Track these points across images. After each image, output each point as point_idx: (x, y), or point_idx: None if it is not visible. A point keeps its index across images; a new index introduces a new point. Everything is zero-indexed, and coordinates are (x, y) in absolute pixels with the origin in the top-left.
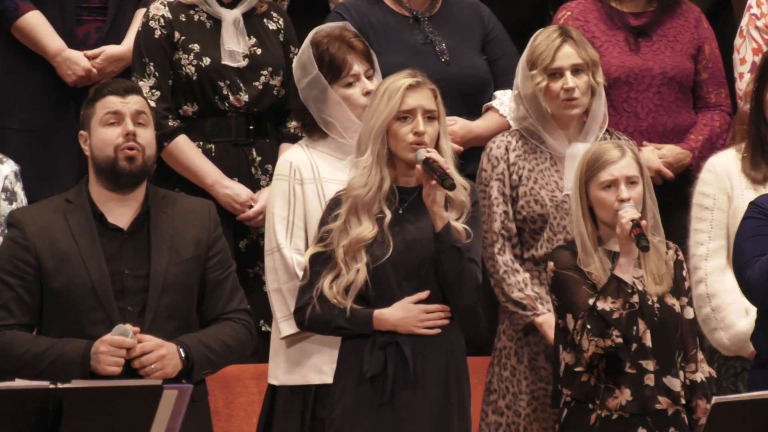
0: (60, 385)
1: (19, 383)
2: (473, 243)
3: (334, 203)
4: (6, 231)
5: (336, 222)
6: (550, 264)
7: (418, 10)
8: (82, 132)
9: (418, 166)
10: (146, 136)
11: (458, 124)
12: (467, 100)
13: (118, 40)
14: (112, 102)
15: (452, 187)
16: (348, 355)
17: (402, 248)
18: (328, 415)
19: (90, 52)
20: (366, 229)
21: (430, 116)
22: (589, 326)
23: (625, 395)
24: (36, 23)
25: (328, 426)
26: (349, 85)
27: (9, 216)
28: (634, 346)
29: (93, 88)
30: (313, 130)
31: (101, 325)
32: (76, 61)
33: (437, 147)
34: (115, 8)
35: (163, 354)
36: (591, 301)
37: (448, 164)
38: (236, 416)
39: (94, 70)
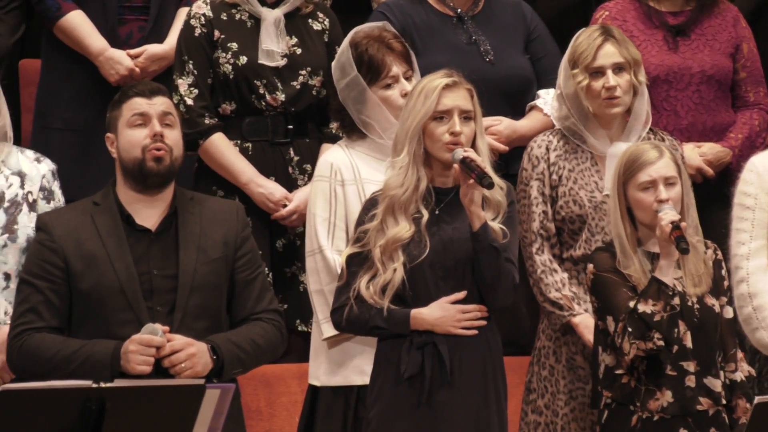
0: (103, 385)
1: (63, 382)
2: (509, 243)
3: (371, 204)
4: (34, 235)
5: (372, 222)
6: (590, 266)
7: (461, 9)
8: (108, 134)
9: (456, 166)
10: (173, 136)
11: (503, 124)
12: (511, 99)
13: (160, 39)
14: (138, 103)
15: (491, 185)
16: (385, 355)
17: (439, 248)
18: (365, 415)
19: (132, 51)
20: (403, 229)
21: (466, 116)
22: (630, 329)
23: (666, 397)
24: (78, 23)
25: (365, 426)
26: (388, 86)
27: (37, 220)
28: (675, 347)
29: None
30: (352, 130)
31: (130, 325)
32: (119, 60)
33: (473, 147)
34: (158, 7)
35: (192, 352)
36: (632, 304)
37: (485, 164)
38: (278, 416)
39: (137, 70)
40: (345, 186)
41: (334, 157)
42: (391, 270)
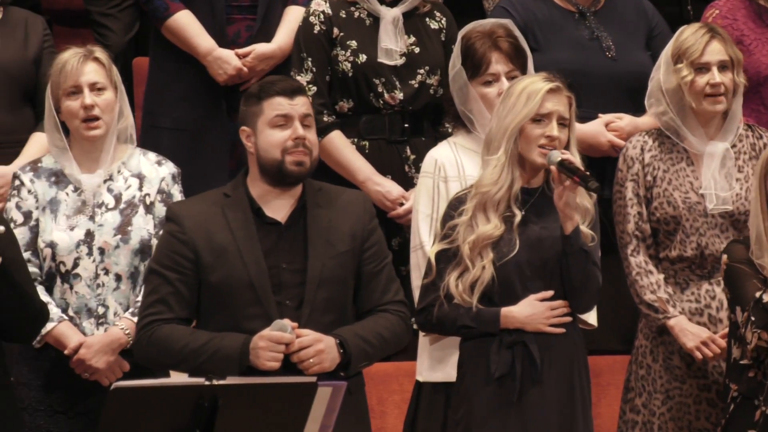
0: (215, 382)
1: (176, 380)
2: (595, 247)
3: (457, 201)
4: (164, 225)
5: (462, 218)
6: (724, 257)
7: (583, 5)
8: (245, 128)
9: (552, 168)
10: (312, 138)
11: (624, 120)
12: (633, 96)
13: (268, 38)
14: (280, 103)
15: (598, 188)
16: (471, 355)
17: (527, 248)
18: (452, 415)
19: (241, 51)
20: (494, 227)
21: (562, 123)
22: (753, 318)
23: None
24: (186, 23)
25: (453, 426)
26: (488, 83)
27: (167, 210)
28: None
29: (246, 85)
30: (458, 122)
31: (258, 319)
32: (227, 60)
33: None
34: (265, 6)
35: (321, 348)
36: (758, 294)
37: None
38: (390, 413)
39: (245, 69)
40: (448, 182)
41: (439, 153)
42: (480, 267)
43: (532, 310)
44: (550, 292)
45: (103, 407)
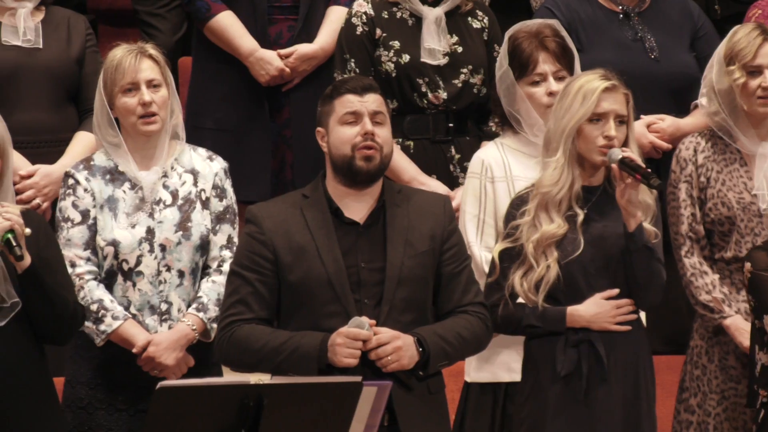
0: (260, 381)
1: (221, 379)
2: (658, 243)
3: (519, 201)
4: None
5: (525, 218)
6: (747, 265)
7: (628, 5)
8: (319, 129)
9: (614, 166)
10: (384, 134)
11: (666, 122)
12: (676, 97)
13: (309, 39)
14: (350, 101)
15: (659, 186)
16: (536, 353)
17: (591, 246)
18: (517, 414)
19: (283, 52)
20: (557, 226)
21: (620, 120)
22: None
23: None
24: (228, 24)
25: (518, 425)
26: (535, 83)
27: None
28: None
29: (287, 86)
30: (505, 123)
31: (337, 317)
32: (270, 60)
33: None
34: (307, 7)
35: (399, 345)
36: None
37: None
38: None
39: (287, 70)
40: (495, 183)
41: (486, 154)
42: (545, 266)
43: (597, 309)
44: (616, 291)
45: (149, 406)
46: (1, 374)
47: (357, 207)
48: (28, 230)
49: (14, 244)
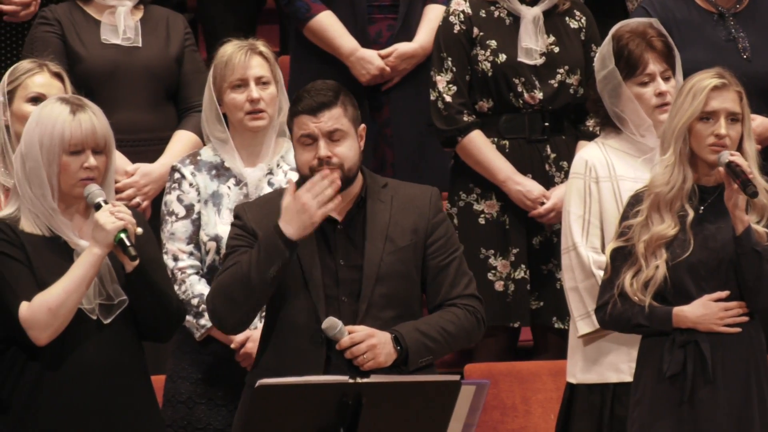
0: (359, 380)
1: (320, 378)
2: None
3: (635, 199)
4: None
5: (637, 218)
6: None
7: (724, 6)
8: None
9: (720, 169)
10: (342, 151)
11: (757, 122)
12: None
13: (409, 38)
14: (304, 123)
15: (754, 194)
16: (647, 353)
17: (702, 248)
18: (630, 414)
19: (383, 51)
20: (668, 226)
21: (733, 118)
22: None
23: None
24: (329, 23)
25: (630, 425)
26: (644, 84)
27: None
28: None
29: (387, 85)
30: (607, 124)
31: (307, 313)
32: (370, 60)
33: (740, 149)
34: (406, 6)
35: (373, 344)
36: None
37: (752, 168)
38: (533, 413)
39: (388, 69)
40: (600, 183)
41: (589, 154)
42: (653, 267)
43: (704, 311)
44: (725, 293)
45: (248, 404)
46: (106, 372)
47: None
48: (140, 230)
49: (128, 243)
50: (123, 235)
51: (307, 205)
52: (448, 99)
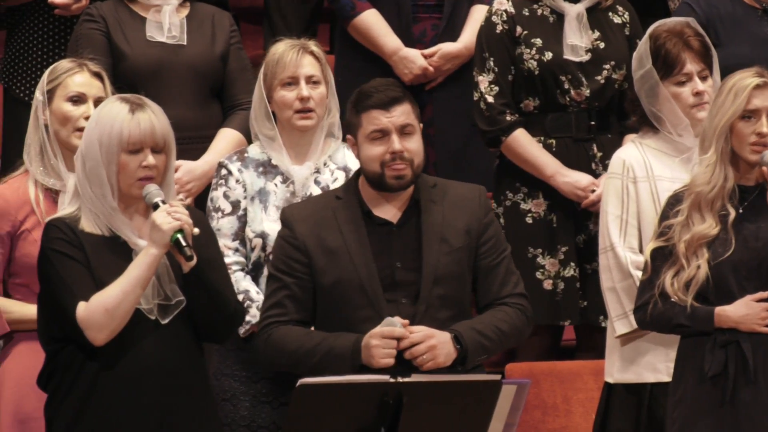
0: (400, 379)
1: (361, 376)
2: None
3: (675, 199)
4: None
5: (678, 217)
6: None
7: None
8: (349, 137)
9: (763, 168)
10: (413, 146)
11: None
12: None
13: (453, 38)
14: (376, 117)
15: None
16: (688, 353)
17: (743, 248)
18: (669, 413)
19: (426, 51)
20: (709, 226)
21: None
22: None
23: None
24: (373, 22)
25: (670, 425)
26: (681, 83)
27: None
28: None
29: (431, 85)
30: (644, 123)
31: (370, 322)
32: (413, 59)
33: None
34: (451, 5)
35: (433, 344)
36: None
37: None
38: (575, 412)
39: (431, 69)
40: (637, 183)
41: (626, 154)
42: (695, 266)
43: (746, 311)
44: (767, 294)
45: (290, 403)
46: (166, 372)
47: (389, 207)
48: (196, 230)
49: (184, 244)
50: (179, 236)
51: (375, 351)
52: (490, 99)
